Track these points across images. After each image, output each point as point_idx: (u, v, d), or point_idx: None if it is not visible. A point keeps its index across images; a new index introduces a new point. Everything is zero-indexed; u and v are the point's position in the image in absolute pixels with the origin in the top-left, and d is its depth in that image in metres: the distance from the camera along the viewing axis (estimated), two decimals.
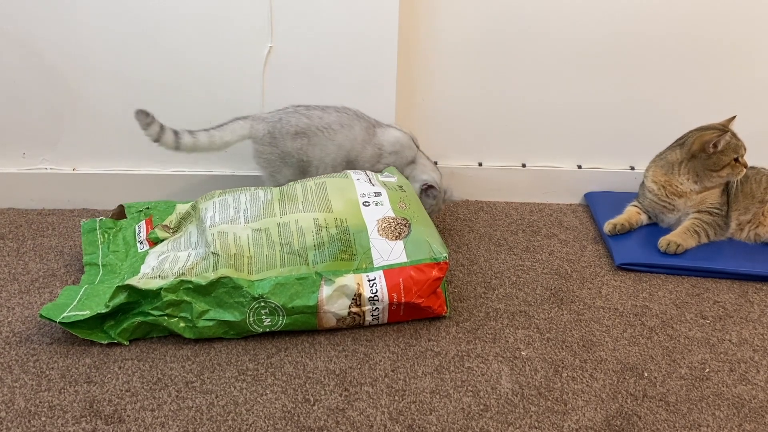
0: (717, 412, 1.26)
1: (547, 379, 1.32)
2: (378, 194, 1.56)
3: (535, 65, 1.90)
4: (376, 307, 1.41)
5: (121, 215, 1.72)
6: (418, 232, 1.49)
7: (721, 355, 1.40)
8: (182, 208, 1.68)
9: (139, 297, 1.37)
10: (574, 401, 1.27)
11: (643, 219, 1.86)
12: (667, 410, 1.25)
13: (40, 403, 1.23)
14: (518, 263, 1.72)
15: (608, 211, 1.89)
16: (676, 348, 1.42)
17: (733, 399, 1.29)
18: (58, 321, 1.33)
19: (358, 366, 1.34)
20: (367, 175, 1.65)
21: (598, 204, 1.97)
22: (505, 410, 1.24)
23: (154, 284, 1.37)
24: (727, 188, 1.79)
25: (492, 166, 2.02)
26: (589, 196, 2.03)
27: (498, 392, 1.28)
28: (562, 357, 1.38)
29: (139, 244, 1.61)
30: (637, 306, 1.56)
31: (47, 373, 1.30)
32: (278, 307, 1.37)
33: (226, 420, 1.20)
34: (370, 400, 1.25)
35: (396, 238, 1.47)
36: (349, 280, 1.40)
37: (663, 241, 1.72)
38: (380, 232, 1.48)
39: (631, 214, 1.85)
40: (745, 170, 1.74)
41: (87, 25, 1.75)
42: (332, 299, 1.39)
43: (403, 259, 1.44)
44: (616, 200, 1.94)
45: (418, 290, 1.42)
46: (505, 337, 1.44)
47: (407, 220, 1.51)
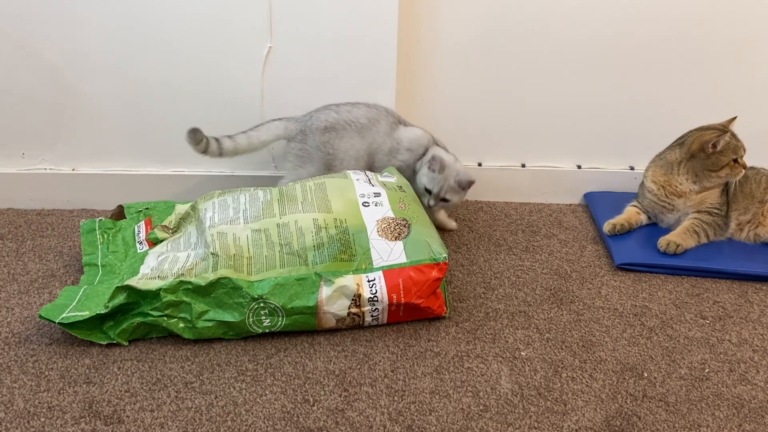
0: (717, 412, 1.26)
1: (547, 380, 1.32)
2: (377, 194, 1.56)
3: (535, 65, 1.90)
4: (376, 308, 1.41)
5: (120, 216, 1.72)
6: (418, 232, 1.49)
7: (721, 356, 1.40)
8: (182, 208, 1.68)
9: (138, 297, 1.37)
10: (574, 401, 1.27)
11: (643, 219, 1.86)
12: (667, 410, 1.25)
13: (40, 403, 1.23)
14: (518, 263, 1.72)
15: (608, 211, 1.89)
16: (676, 348, 1.42)
17: (733, 399, 1.29)
18: (57, 321, 1.33)
19: (358, 366, 1.34)
20: (366, 176, 1.65)
21: (598, 204, 1.97)
22: (505, 410, 1.24)
23: (154, 285, 1.37)
24: (726, 188, 1.79)
25: (491, 166, 2.02)
26: (589, 196, 2.03)
27: (497, 392, 1.28)
28: (562, 357, 1.38)
29: (138, 245, 1.61)
30: (636, 306, 1.56)
31: (46, 373, 1.30)
32: (278, 307, 1.37)
33: (226, 420, 1.20)
34: (370, 401, 1.25)
35: (395, 239, 1.47)
36: (349, 281, 1.40)
37: (663, 241, 1.72)
38: (380, 233, 1.48)
39: (631, 214, 1.85)
40: (744, 171, 1.74)
41: (87, 26, 1.75)
42: (332, 300, 1.39)
43: (403, 259, 1.44)
44: (616, 200, 1.94)
45: (417, 291, 1.42)
46: (505, 338, 1.44)
47: (407, 221, 1.51)
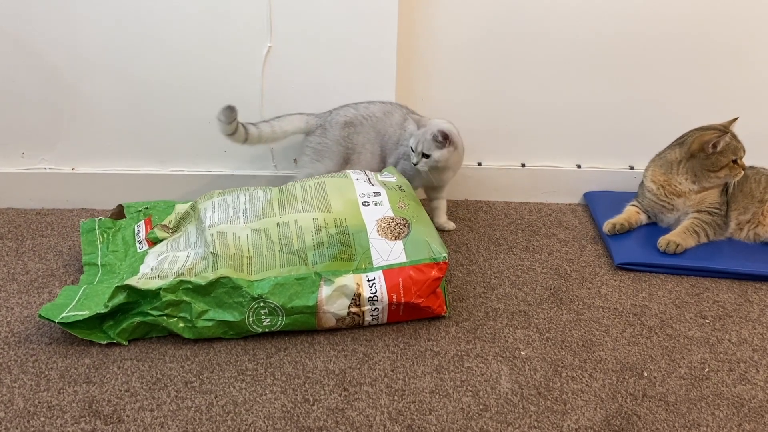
0: (716, 411, 1.26)
1: (547, 379, 1.32)
2: (377, 194, 1.56)
3: (535, 65, 1.90)
4: (376, 308, 1.41)
5: (120, 215, 1.72)
6: (418, 231, 1.49)
7: (721, 355, 1.40)
8: (181, 208, 1.68)
9: (138, 297, 1.37)
10: (574, 401, 1.27)
11: (643, 219, 1.86)
12: (667, 410, 1.25)
13: (39, 403, 1.23)
14: (517, 263, 1.72)
15: (607, 211, 1.89)
16: (676, 348, 1.42)
17: (733, 399, 1.29)
18: (57, 321, 1.33)
19: (358, 366, 1.34)
20: (366, 175, 1.65)
21: (598, 204, 1.97)
22: (505, 410, 1.24)
23: (154, 284, 1.37)
24: (726, 188, 1.79)
25: (491, 165, 2.02)
26: (589, 196, 2.03)
27: (497, 392, 1.28)
28: (562, 357, 1.38)
29: (138, 244, 1.61)
30: (636, 306, 1.56)
31: (46, 373, 1.30)
32: (277, 307, 1.37)
33: (226, 420, 1.20)
34: (370, 400, 1.25)
35: (395, 238, 1.47)
36: (349, 280, 1.40)
37: (662, 241, 1.72)
38: (379, 232, 1.48)
39: (631, 214, 1.85)
40: (743, 172, 1.74)
41: (86, 26, 1.75)
42: (331, 299, 1.39)
43: (403, 259, 1.44)
44: (616, 200, 1.94)
45: (417, 290, 1.42)
46: (505, 337, 1.44)
47: (407, 220, 1.51)
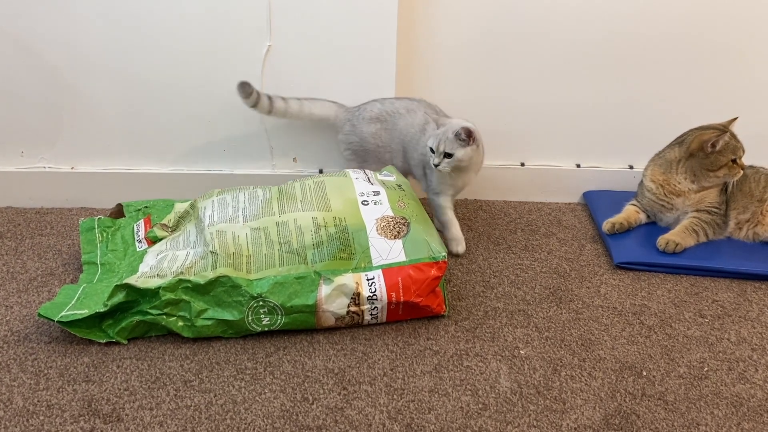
0: (716, 410, 1.26)
1: (546, 378, 1.32)
2: (377, 193, 1.56)
3: (534, 65, 1.90)
4: (375, 306, 1.41)
5: (119, 214, 1.72)
6: (417, 231, 1.49)
7: (720, 354, 1.40)
8: (181, 207, 1.68)
9: (137, 296, 1.37)
10: (573, 400, 1.27)
11: (642, 218, 1.86)
12: (666, 409, 1.25)
13: (39, 402, 1.23)
14: (517, 262, 1.72)
15: (607, 210, 1.89)
16: (675, 347, 1.42)
17: (732, 398, 1.29)
18: (56, 320, 1.33)
19: (357, 365, 1.34)
20: (365, 174, 1.65)
21: (597, 203, 1.97)
22: (504, 409, 1.24)
23: (153, 283, 1.37)
24: (725, 187, 1.79)
25: (491, 165, 2.02)
26: (588, 195, 2.03)
27: (497, 391, 1.28)
28: (561, 356, 1.38)
29: (137, 243, 1.61)
30: (635, 305, 1.56)
31: (45, 372, 1.30)
32: (277, 306, 1.37)
33: (225, 419, 1.20)
34: (369, 399, 1.25)
35: (395, 237, 1.47)
36: (348, 279, 1.40)
37: (662, 240, 1.72)
38: (379, 231, 1.48)
39: (630, 213, 1.85)
40: (742, 172, 1.74)
41: (86, 25, 1.75)
42: (331, 298, 1.39)
43: (402, 258, 1.44)
44: (615, 199, 1.94)
45: (416, 289, 1.42)
46: (504, 336, 1.44)
47: (406, 219, 1.51)
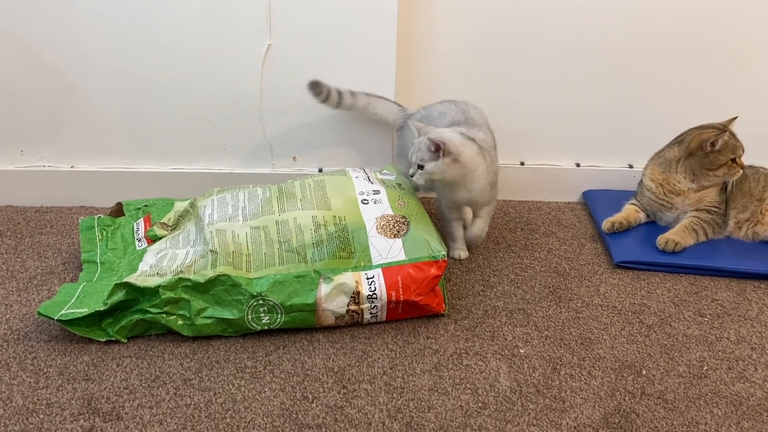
0: (715, 409, 1.26)
1: (546, 377, 1.32)
2: (377, 192, 1.56)
3: (534, 64, 1.90)
4: (375, 305, 1.41)
5: (119, 213, 1.72)
6: (417, 229, 1.49)
7: (719, 353, 1.40)
8: (180, 205, 1.68)
9: (137, 294, 1.37)
10: (573, 399, 1.27)
11: (642, 217, 1.86)
12: (666, 408, 1.26)
13: (38, 400, 1.23)
14: (516, 261, 1.72)
15: (606, 209, 1.89)
16: (675, 346, 1.42)
17: (731, 397, 1.29)
18: (56, 318, 1.33)
19: (357, 363, 1.34)
20: (365, 173, 1.65)
21: (597, 202, 1.97)
22: (504, 408, 1.24)
23: (153, 282, 1.37)
24: (725, 187, 1.79)
25: None
26: (588, 195, 2.03)
27: (496, 390, 1.28)
28: (561, 355, 1.38)
29: (137, 242, 1.61)
30: (635, 304, 1.56)
31: (45, 370, 1.30)
32: (277, 305, 1.37)
33: (224, 417, 1.20)
34: (369, 398, 1.25)
35: (395, 236, 1.47)
36: (348, 278, 1.40)
37: (661, 239, 1.72)
38: (379, 230, 1.48)
39: (630, 213, 1.85)
40: (741, 171, 1.74)
41: (85, 23, 1.75)
42: (331, 297, 1.39)
43: (402, 257, 1.44)
44: (615, 198, 1.94)
45: (416, 288, 1.42)
46: (504, 335, 1.44)
47: (406, 218, 1.51)
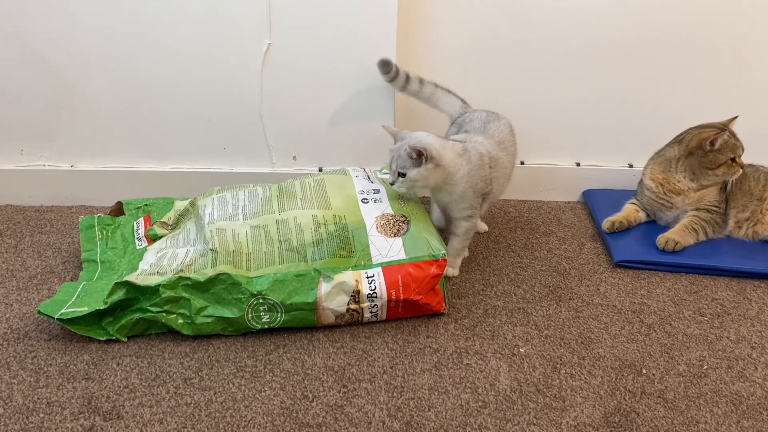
0: (715, 409, 1.26)
1: (546, 376, 1.32)
2: (377, 191, 1.56)
3: (534, 64, 1.90)
4: (375, 304, 1.41)
5: (119, 212, 1.72)
6: (417, 228, 1.49)
7: (719, 352, 1.40)
8: (181, 204, 1.68)
9: (137, 293, 1.37)
10: (573, 398, 1.27)
11: (642, 216, 1.86)
12: (666, 407, 1.26)
13: (39, 399, 1.23)
14: (516, 260, 1.72)
15: (606, 209, 1.89)
16: (674, 345, 1.42)
17: (731, 396, 1.29)
18: (56, 317, 1.33)
19: (357, 363, 1.34)
20: (365, 172, 1.65)
21: (597, 201, 1.97)
22: (504, 407, 1.24)
23: (153, 281, 1.37)
24: (725, 186, 1.80)
25: None
26: (588, 194, 2.03)
27: (496, 389, 1.28)
28: (561, 354, 1.38)
29: (137, 241, 1.61)
30: (635, 303, 1.56)
31: (45, 369, 1.30)
32: (277, 303, 1.37)
33: (225, 416, 1.20)
34: (369, 397, 1.26)
35: (395, 235, 1.47)
36: (348, 277, 1.40)
37: (661, 239, 1.72)
38: (379, 229, 1.48)
39: (630, 212, 1.85)
40: (741, 171, 1.74)
41: (85, 22, 1.74)
42: (331, 296, 1.39)
43: (402, 256, 1.44)
44: (615, 198, 1.94)
45: (416, 287, 1.42)
46: (504, 334, 1.44)
47: (406, 217, 1.51)
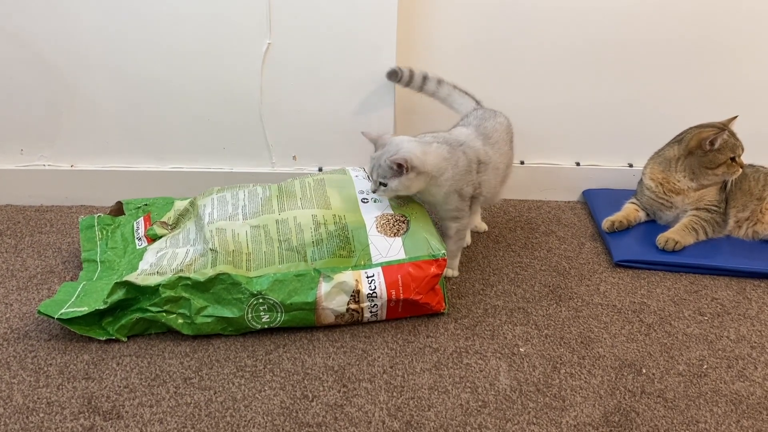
0: (715, 408, 1.26)
1: (546, 376, 1.32)
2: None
3: (534, 64, 1.90)
4: (375, 304, 1.41)
5: (119, 212, 1.72)
6: (417, 228, 1.49)
7: (719, 352, 1.41)
8: (180, 204, 1.68)
9: (137, 293, 1.37)
10: (573, 398, 1.27)
11: (642, 216, 1.86)
12: (665, 407, 1.26)
13: (39, 399, 1.23)
14: (516, 260, 1.72)
15: (606, 208, 1.89)
16: (674, 345, 1.42)
17: (731, 395, 1.29)
18: (56, 317, 1.33)
19: (357, 362, 1.34)
20: (365, 172, 1.65)
21: (597, 201, 1.97)
22: (504, 406, 1.24)
23: (153, 280, 1.37)
24: (724, 185, 1.80)
25: None
26: (588, 194, 2.03)
27: (496, 388, 1.28)
28: (561, 353, 1.38)
29: (137, 241, 1.61)
30: (635, 303, 1.56)
31: (45, 369, 1.30)
32: (276, 303, 1.37)
33: (225, 416, 1.20)
34: (369, 397, 1.26)
35: (394, 235, 1.47)
36: (348, 277, 1.40)
37: (661, 239, 1.72)
38: (378, 229, 1.48)
39: (630, 212, 1.85)
40: (741, 170, 1.74)
41: (85, 22, 1.74)
42: (331, 296, 1.39)
43: (402, 255, 1.44)
44: (615, 197, 1.94)
45: (416, 287, 1.42)
46: (504, 334, 1.44)
47: (405, 217, 1.51)
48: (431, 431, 1.19)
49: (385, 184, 1.47)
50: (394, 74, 1.77)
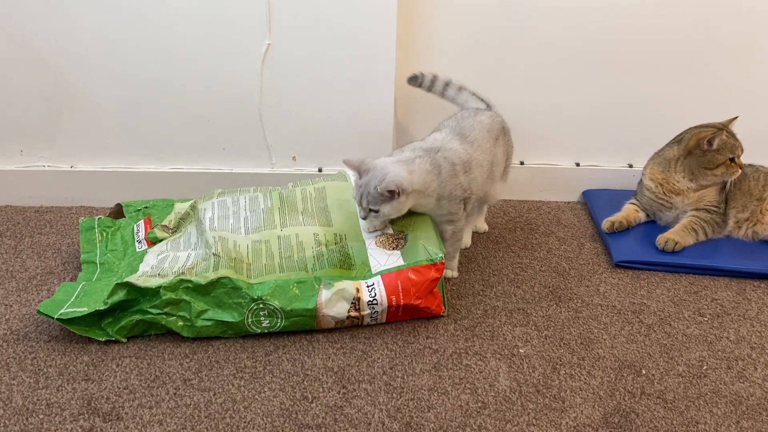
0: (715, 409, 1.26)
1: (545, 377, 1.32)
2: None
3: (534, 64, 1.90)
4: (375, 311, 1.41)
5: (119, 214, 1.72)
6: (414, 238, 1.50)
7: (719, 353, 1.40)
8: (181, 207, 1.68)
9: (137, 295, 1.37)
10: (572, 398, 1.27)
11: (641, 217, 1.86)
12: (665, 407, 1.26)
13: (38, 400, 1.23)
14: (516, 261, 1.72)
15: (606, 209, 1.89)
16: (674, 345, 1.42)
17: (731, 396, 1.29)
18: (56, 317, 1.33)
19: (357, 363, 1.34)
20: None
21: (596, 202, 1.97)
22: (503, 407, 1.24)
23: (154, 282, 1.37)
24: (724, 186, 1.79)
25: None
26: (587, 194, 2.03)
27: (496, 389, 1.28)
28: (560, 354, 1.38)
29: (137, 244, 1.61)
30: (635, 303, 1.56)
31: (45, 370, 1.30)
32: (277, 309, 1.37)
33: (224, 417, 1.20)
34: (368, 398, 1.26)
35: (393, 249, 1.49)
36: (348, 285, 1.40)
37: (661, 239, 1.72)
38: (378, 244, 1.50)
39: (629, 212, 1.85)
40: (740, 171, 1.74)
41: (85, 22, 1.74)
42: (331, 303, 1.39)
43: (400, 263, 1.45)
44: (614, 198, 1.94)
45: (416, 291, 1.42)
46: (503, 335, 1.44)
47: (403, 233, 1.52)
48: None
49: (376, 211, 1.46)
50: (415, 79, 1.79)
